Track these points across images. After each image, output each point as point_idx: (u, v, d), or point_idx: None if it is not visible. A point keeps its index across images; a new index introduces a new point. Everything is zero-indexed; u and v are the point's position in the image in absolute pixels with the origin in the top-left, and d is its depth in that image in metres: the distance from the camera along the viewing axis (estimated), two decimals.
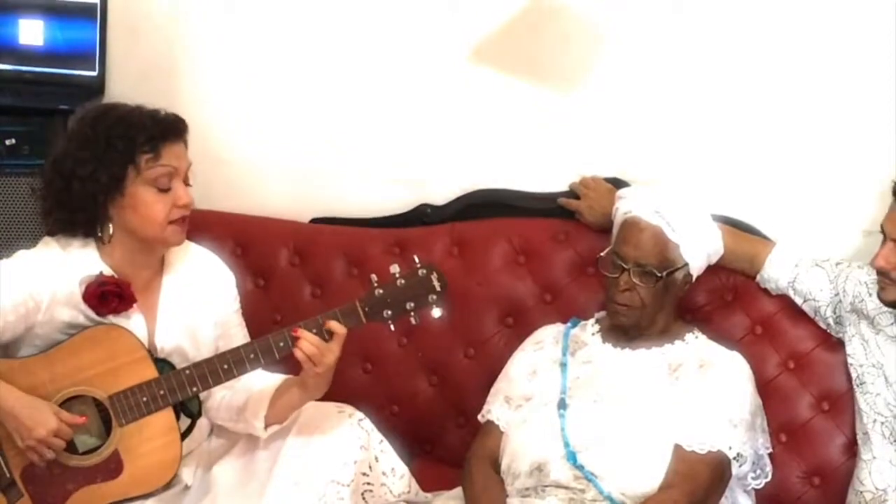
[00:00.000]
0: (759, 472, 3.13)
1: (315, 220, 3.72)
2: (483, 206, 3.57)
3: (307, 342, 2.83)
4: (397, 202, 3.65)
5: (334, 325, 2.85)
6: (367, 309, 2.89)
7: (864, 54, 3.26)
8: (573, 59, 3.49)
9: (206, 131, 3.72)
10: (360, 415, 3.11)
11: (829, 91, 3.30)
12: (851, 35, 3.27)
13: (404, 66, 3.63)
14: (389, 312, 2.90)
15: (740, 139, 3.39)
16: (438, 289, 2.91)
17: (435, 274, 2.92)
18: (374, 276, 2.92)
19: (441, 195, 3.62)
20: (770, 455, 3.15)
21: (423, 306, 2.91)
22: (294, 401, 2.97)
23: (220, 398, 3.07)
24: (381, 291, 2.90)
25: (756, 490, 3.15)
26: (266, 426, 2.99)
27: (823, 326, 3.19)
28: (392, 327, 2.93)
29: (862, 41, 3.26)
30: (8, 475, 2.78)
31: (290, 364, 2.94)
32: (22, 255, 2.90)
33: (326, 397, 3.09)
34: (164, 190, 2.87)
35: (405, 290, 2.90)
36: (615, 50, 3.45)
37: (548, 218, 3.49)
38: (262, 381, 3.01)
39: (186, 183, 2.93)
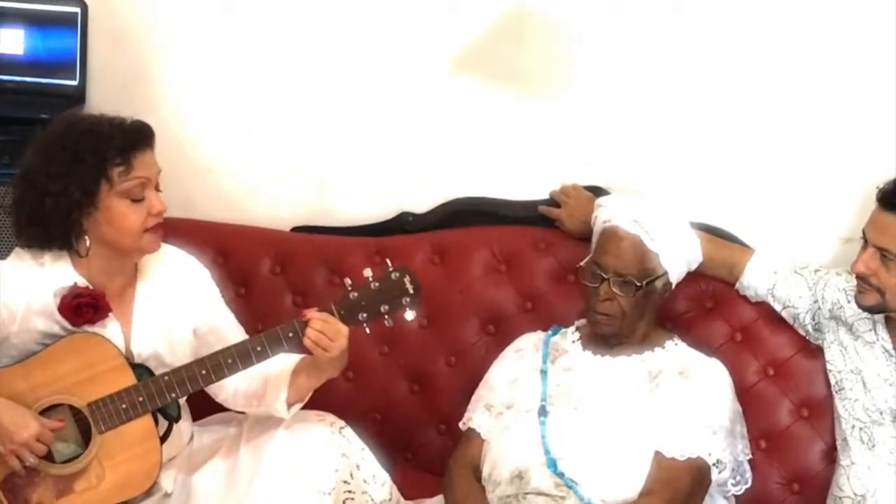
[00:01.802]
0: (738, 478, 3.13)
1: (296, 229, 3.72)
2: (464, 214, 3.58)
3: (312, 329, 2.86)
4: (378, 210, 3.66)
5: (320, 314, 2.87)
6: (342, 312, 2.91)
7: (844, 63, 3.28)
8: (553, 67, 3.51)
9: (187, 140, 3.74)
10: (341, 423, 3.12)
11: (807, 100, 3.32)
12: (829, 45, 3.29)
13: (385, 76, 3.63)
14: (364, 315, 2.92)
15: (719, 147, 3.41)
16: (412, 291, 2.94)
17: (408, 277, 2.94)
18: (347, 280, 2.94)
19: (422, 203, 3.63)
20: (750, 461, 3.16)
21: (397, 309, 2.93)
22: (313, 382, 2.99)
23: (235, 388, 3.07)
24: (355, 294, 2.92)
25: (736, 496, 3.16)
26: (288, 407, 3.00)
27: (802, 333, 3.21)
28: (367, 330, 2.95)
29: (840, 52, 3.28)
30: None
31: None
32: None
33: (308, 405, 3.11)
34: (138, 200, 2.87)
35: (379, 293, 2.92)
36: (595, 59, 3.46)
37: (528, 226, 3.50)
38: (277, 365, 3.00)
39: (158, 188, 2.92)
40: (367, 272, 2.93)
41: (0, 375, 2.82)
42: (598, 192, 3.38)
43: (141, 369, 2.92)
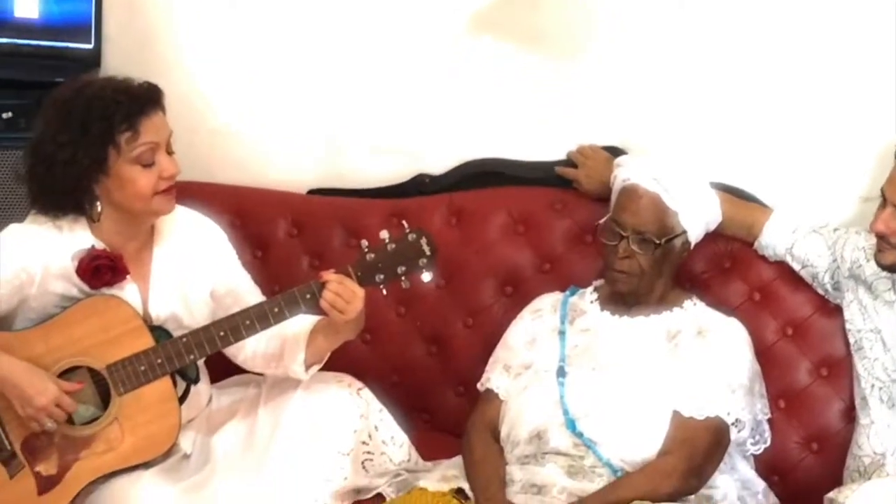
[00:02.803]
0: (757, 437, 3.13)
1: (312, 192, 3.72)
2: (481, 175, 3.57)
3: (329, 291, 2.86)
4: (395, 172, 3.65)
5: (336, 276, 2.87)
6: (359, 273, 2.91)
7: (862, 22, 3.25)
8: (571, 27, 3.48)
9: (202, 103, 3.74)
10: (359, 384, 3.13)
11: (827, 59, 3.29)
12: (849, 3, 3.26)
13: (402, 37, 3.61)
14: (381, 277, 2.92)
15: (738, 107, 3.38)
16: (428, 253, 2.93)
17: (424, 238, 2.94)
18: (364, 242, 2.94)
19: (439, 165, 3.61)
20: (769, 421, 3.16)
21: (414, 270, 2.93)
22: (331, 342, 3.00)
23: (253, 350, 3.07)
24: (372, 256, 2.92)
25: (755, 456, 3.16)
26: (307, 369, 3.00)
27: (821, 292, 3.19)
28: (384, 291, 2.95)
29: (859, 9, 3.25)
30: (9, 447, 2.79)
31: None
32: (13, 229, 2.90)
33: (326, 368, 3.12)
34: (148, 165, 2.86)
35: (396, 255, 2.92)
36: (613, 18, 3.44)
37: (546, 187, 3.49)
38: (294, 327, 3.00)
39: (169, 150, 2.91)
40: (384, 234, 2.93)
41: (19, 338, 2.82)
42: (615, 152, 3.37)
43: (159, 331, 2.92)
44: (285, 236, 3.63)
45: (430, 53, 3.60)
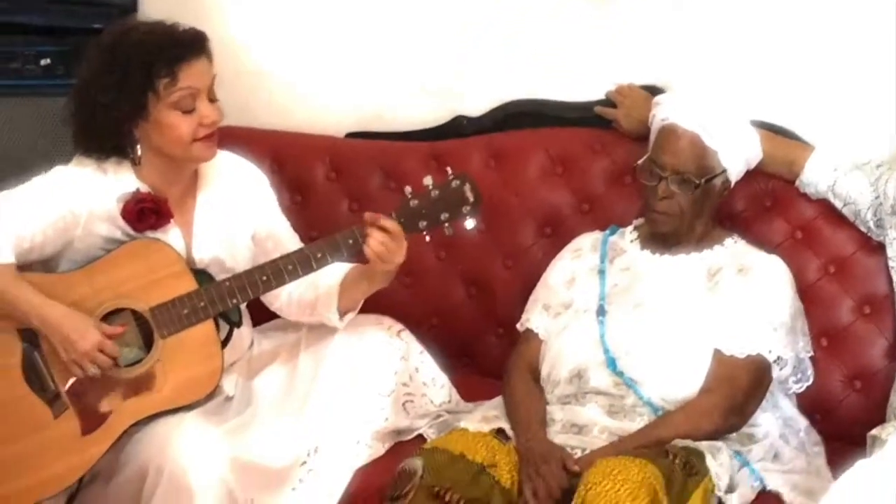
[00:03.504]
0: (800, 375, 3.12)
1: (351, 135, 3.71)
2: (519, 116, 3.55)
3: (376, 240, 2.86)
4: (433, 115, 3.63)
5: (389, 223, 2.86)
6: (402, 220, 2.90)
7: None
8: None
9: (242, 47, 3.73)
10: (399, 326, 3.14)
11: None
12: None
13: None
14: (424, 223, 2.91)
15: (778, 44, 3.34)
16: (472, 200, 2.92)
17: (468, 185, 2.92)
18: (408, 188, 2.93)
19: (477, 107, 3.60)
20: (811, 359, 3.13)
21: (457, 217, 2.92)
22: (364, 290, 3.01)
23: (288, 296, 3.08)
24: (415, 202, 2.91)
25: (797, 394, 3.15)
26: (341, 317, 3.02)
27: (864, 230, 3.16)
28: (427, 238, 2.95)
29: None
30: (53, 388, 2.81)
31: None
32: (59, 171, 2.91)
33: (366, 311, 3.12)
34: (188, 111, 2.86)
35: (439, 202, 2.91)
36: None
37: (584, 127, 3.47)
38: (328, 275, 3.01)
39: (212, 98, 2.91)
40: (427, 180, 2.92)
41: (63, 280, 2.85)
42: (654, 91, 3.33)
43: (202, 275, 2.93)
44: (324, 180, 3.63)
45: None
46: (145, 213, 2.89)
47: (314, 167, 3.63)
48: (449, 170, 2.96)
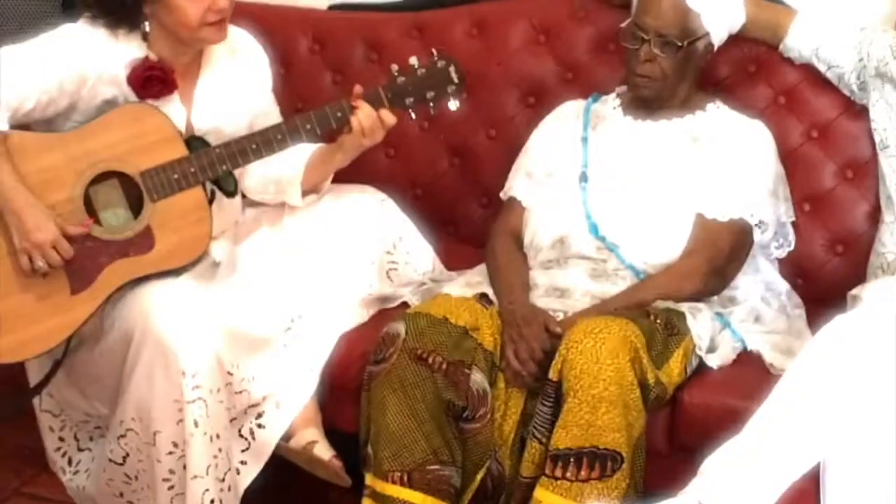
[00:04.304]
0: (781, 241, 3.14)
1: (333, 7, 3.70)
2: None
3: (365, 113, 2.89)
4: None
5: (385, 114, 2.91)
6: (389, 95, 2.93)
7: None
8: None
9: None
10: (382, 195, 3.16)
11: None
12: None
13: None
14: (411, 100, 2.94)
15: None
16: (456, 81, 2.96)
17: (453, 66, 2.96)
18: (394, 66, 2.95)
19: None
20: (793, 224, 3.15)
21: (442, 97, 2.96)
22: (336, 163, 3.02)
23: (258, 175, 3.09)
24: (402, 79, 2.94)
25: (780, 260, 3.17)
26: (303, 195, 3.03)
27: (847, 94, 3.15)
28: (413, 115, 2.98)
29: None
30: None
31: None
32: (70, 31, 2.88)
33: (348, 180, 3.13)
34: None
35: (425, 80, 2.95)
36: None
37: None
38: (294, 154, 3.02)
39: None
40: (413, 60, 2.94)
41: (58, 139, 2.83)
42: None
43: (197, 142, 2.93)
44: (307, 52, 3.62)
45: None
46: (151, 81, 2.89)
47: (297, 40, 3.62)
48: (434, 51, 2.98)
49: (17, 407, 3.20)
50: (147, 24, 2.87)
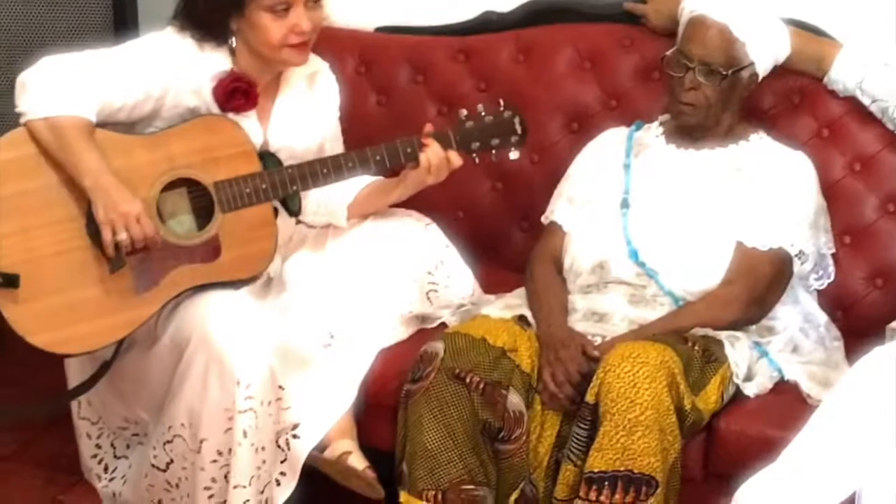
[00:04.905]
0: (821, 272, 3.14)
1: (380, 29, 3.72)
2: (548, 12, 3.54)
3: (434, 152, 2.95)
4: (462, 10, 3.63)
5: (452, 155, 2.97)
6: (458, 138, 2.99)
7: None
8: None
9: None
10: (427, 220, 3.18)
11: None
12: None
13: None
14: (477, 145, 3.01)
15: None
16: (520, 132, 3.03)
17: (518, 118, 3.03)
18: (462, 111, 3.02)
19: (506, 1, 3.59)
20: (833, 256, 3.16)
21: (505, 146, 3.03)
22: (386, 198, 3.09)
23: (314, 198, 3.14)
24: (470, 124, 3.01)
25: (819, 292, 3.17)
26: (348, 218, 3.09)
27: (891, 127, 3.16)
28: (476, 160, 3.04)
29: None
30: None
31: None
32: (160, 39, 2.96)
33: (394, 205, 3.15)
34: (281, 16, 2.90)
35: (491, 128, 3.02)
36: None
37: (613, 23, 3.46)
38: (350, 182, 3.07)
39: (311, 6, 2.93)
40: (480, 107, 3.01)
41: (140, 141, 2.88)
42: None
43: (269, 158, 2.98)
44: (353, 73, 3.64)
45: None
46: (236, 94, 2.95)
47: (344, 60, 3.63)
48: (501, 101, 3.04)
49: (54, 411, 3.27)
50: (234, 39, 2.95)
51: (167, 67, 2.90)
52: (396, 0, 3.72)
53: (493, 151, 3.03)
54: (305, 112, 3.12)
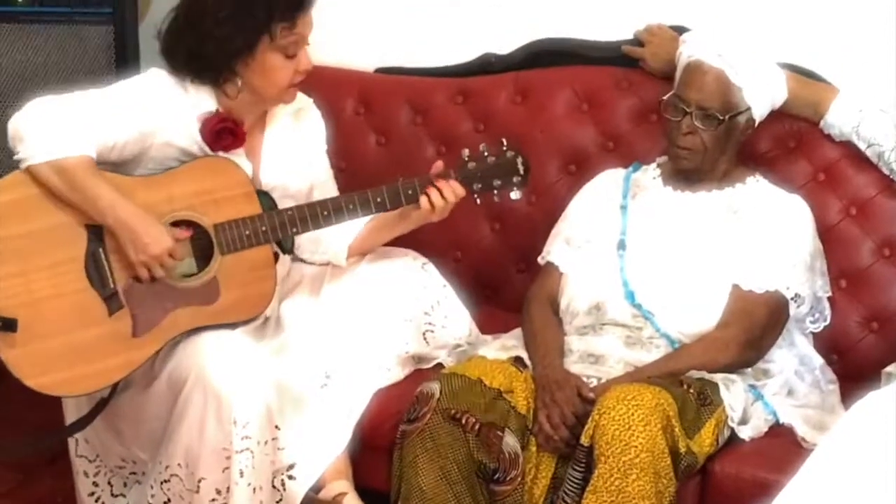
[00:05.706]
0: (817, 315, 3.14)
1: (380, 70, 3.75)
2: (547, 54, 3.57)
3: (438, 193, 2.95)
4: (462, 51, 3.66)
5: (455, 185, 2.97)
6: (460, 178, 2.98)
7: None
8: None
9: None
10: (423, 259, 3.18)
11: None
12: None
13: None
14: (479, 185, 3.00)
15: None
16: (522, 173, 3.01)
17: (520, 158, 3.02)
18: (465, 151, 3.01)
19: (505, 44, 3.62)
20: (829, 300, 3.16)
21: (507, 186, 3.01)
22: (387, 233, 3.11)
23: (309, 238, 3.14)
24: (473, 164, 3.00)
25: (814, 335, 3.17)
26: (348, 257, 3.10)
27: (887, 172, 3.17)
28: (477, 201, 3.02)
29: None
30: (112, 286, 2.84)
31: None
32: (148, 79, 2.96)
33: (390, 244, 3.16)
34: (291, 57, 2.93)
35: (493, 168, 3.00)
36: None
37: (612, 66, 3.49)
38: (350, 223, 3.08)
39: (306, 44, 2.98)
40: (483, 147, 3.00)
41: (139, 182, 2.88)
42: (682, 31, 3.33)
43: (265, 198, 2.98)
44: (352, 114, 3.67)
45: None
46: (223, 134, 2.96)
47: (343, 100, 3.67)
48: (503, 140, 3.02)
49: (51, 448, 3.28)
50: (238, 82, 2.95)
51: (157, 106, 2.91)
52: (396, 41, 3.75)
53: (496, 192, 3.02)
54: (294, 148, 3.13)
